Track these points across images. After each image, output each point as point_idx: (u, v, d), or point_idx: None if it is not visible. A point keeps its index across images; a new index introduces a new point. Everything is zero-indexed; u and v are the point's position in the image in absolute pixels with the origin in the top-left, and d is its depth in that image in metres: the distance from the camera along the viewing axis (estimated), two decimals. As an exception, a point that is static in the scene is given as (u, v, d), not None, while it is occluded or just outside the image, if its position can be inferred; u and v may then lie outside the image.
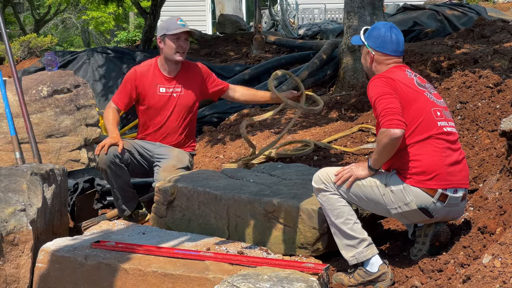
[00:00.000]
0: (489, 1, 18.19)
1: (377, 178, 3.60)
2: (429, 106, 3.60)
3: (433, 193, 3.51)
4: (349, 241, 3.61)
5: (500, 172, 4.13)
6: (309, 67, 9.40)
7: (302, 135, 6.51)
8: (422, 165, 3.51)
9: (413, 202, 3.53)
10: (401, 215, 3.62)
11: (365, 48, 3.81)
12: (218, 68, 10.60)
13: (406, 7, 13.47)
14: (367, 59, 3.81)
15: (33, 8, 24.24)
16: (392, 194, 3.56)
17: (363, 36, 3.81)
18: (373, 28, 3.80)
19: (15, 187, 4.14)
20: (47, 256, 3.86)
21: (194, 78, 5.04)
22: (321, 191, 3.67)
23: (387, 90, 3.54)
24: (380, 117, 3.47)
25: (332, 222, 3.65)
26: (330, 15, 19.23)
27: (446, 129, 3.59)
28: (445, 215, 3.63)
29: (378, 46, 3.74)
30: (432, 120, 3.57)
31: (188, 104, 5.02)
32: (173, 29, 4.87)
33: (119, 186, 4.85)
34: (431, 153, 3.53)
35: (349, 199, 3.66)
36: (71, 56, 11.16)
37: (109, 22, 24.45)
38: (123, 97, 5.00)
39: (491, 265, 2.91)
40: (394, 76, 3.63)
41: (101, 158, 4.77)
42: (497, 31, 9.63)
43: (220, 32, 15.98)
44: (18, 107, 6.13)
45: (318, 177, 3.70)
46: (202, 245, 3.91)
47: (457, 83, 5.34)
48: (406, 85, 3.61)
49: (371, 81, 3.67)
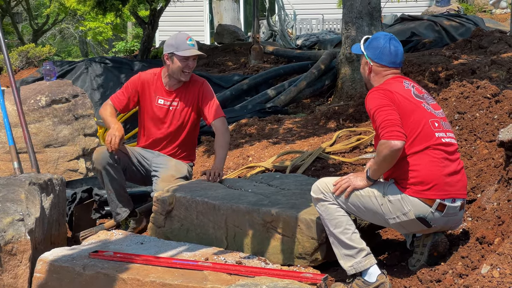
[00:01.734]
0: (486, 12, 18.26)
1: (375, 188, 3.61)
2: (427, 117, 3.61)
3: (431, 203, 3.52)
4: (347, 251, 3.61)
5: (498, 182, 4.14)
6: (307, 77, 9.43)
7: (300, 145, 6.52)
8: (420, 175, 3.52)
9: (411, 212, 3.53)
10: (399, 225, 3.62)
11: (364, 58, 3.83)
12: (216, 78, 10.62)
13: (404, 18, 13.51)
14: (365, 69, 3.83)
15: (31, 18, 24.26)
16: (390, 204, 3.56)
17: (363, 46, 3.83)
18: (373, 38, 3.81)
19: (13, 197, 4.14)
20: (45, 266, 3.86)
21: (192, 94, 4.99)
22: (319, 201, 3.68)
23: (386, 102, 3.56)
24: (380, 129, 3.48)
25: (330, 232, 3.65)
26: (328, 26, 19.28)
27: (444, 140, 3.60)
28: (444, 225, 3.63)
29: (376, 57, 3.76)
30: (430, 131, 3.58)
31: (184, 119, 4.99)
32: (183, 50, 4.84)
33: (114, 188, 4.83)
34: (429, 164, 3.54)
35: (348, 209, 3.66)
36: (69, 66, 11.17)
37: (107, 32, 24.48)
38: (122, 98, 4.99)
39: (489, 276, 2.91)
40: (392, 88, 3.64)
41: (97, 159, 4.78)
42: (495, 42, 9.65)
43: (218, 42, 16.01)
44: (16, 117, 6.13)
45: (317, 187, 3.71)
46: (201, 255, 3.91)
47: (455, 93, 5.35)
48: (403, 97, 3.62)
49: (369, 93, 3.69)
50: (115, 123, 4.83)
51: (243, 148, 6.84)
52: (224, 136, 4.90)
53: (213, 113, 4.94)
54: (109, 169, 4.76)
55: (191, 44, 4.89)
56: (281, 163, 5.92)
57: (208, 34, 22.71)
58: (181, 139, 5.04)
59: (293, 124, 7.45)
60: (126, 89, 5.02)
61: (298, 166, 5.69)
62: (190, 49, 4.86)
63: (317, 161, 5.80)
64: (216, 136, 4.94)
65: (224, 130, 4.93)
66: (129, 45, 20.79)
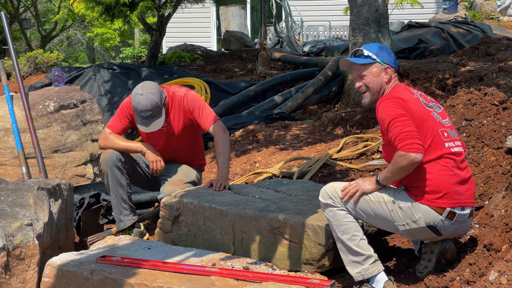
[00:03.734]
0: (494, 19, 18.24)
1: (385, 194, 3.60)
2: (437, 127, 3.61)
3: (442, 211, 3.52)
4: (355, 257, 3.61)
5: (505, 189, 4.13)
6: (314, 83, 9.43)
7: (307, 152, 6.52)
8: (432, 184, 3.52)
9: (421, 220, 3.53)
10: (409, 232, 3.62)
11: (376, 66, 3.73)
12: (224, 84, 10.63)
13: (411, 25, 13.52)
14: (383, 76, 3.74)
15: (40, 24, 24.37)
16: (400, 211, 3.56)
17: (372, 55, 3.74)
18: (379, 46, 3.79)
19: (22, 202, 4.16)
20: (53, 270, 3.87)
21: (179, 110, 4.89)
22: (328, 206, 3.68)
23: (401, 112, 3.53)
24: (398, 140, 3.46)
25: (338, 238, 3.65)
26: (335, 32, 19.28)
27: (453, 150, 3.60)
28: (453, 232, 3.63)
29: (392, 62, 3.75)
30: (440, 141, 3.58)
31: (177, 135, 4.94)
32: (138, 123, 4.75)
33: (119, 194, 4.83)
34: (440, 173, 3.53)
35: (357, 215, 3.66)
36: (77, 72, 11.21)
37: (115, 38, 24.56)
38: (118, 124, 4.97)
39: (497, 282, 2.91)
40: (403, 96, 3.62)
41: (104, 160, 4.79)
42: (502, 49, 9.65)
43: (225, 49, 16.04)
44: (24, 122, 6.16)
45: (325, 192, 3.70)
46: (208, 261, 3.92)
47: (462, 100, 5.35)
48: (416, 106, 3.61)
49: (380, 102, 3.64)
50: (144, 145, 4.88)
51: (250, 154, 6.85)
52: (222, 141, 4.82)
53: (205, 121, 4.84)
54: (115, 171, 4.77)
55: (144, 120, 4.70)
56: (288, 169, 5.93)
57: (215, 40, 22.74)
58: (183, 150, 5.02)
59: (300, 131, 7.45)
60: (119, 114, 5.00)
61: (305, 172, 5.69)
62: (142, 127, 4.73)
63: (324, 167, 5.80)
64: (215, 142, 4.88)
65: (220, 134, 4.82)
66: (137, 51, 20.83)
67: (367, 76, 3.75)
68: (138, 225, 4.98)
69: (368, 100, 3.78)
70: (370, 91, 3.76)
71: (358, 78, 3.79)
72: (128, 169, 4.87)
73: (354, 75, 3.81)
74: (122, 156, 4.81)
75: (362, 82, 3.77)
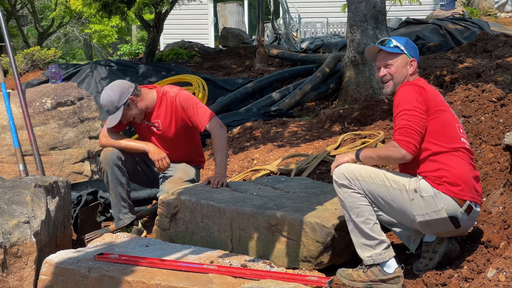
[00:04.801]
0: (491, 16, 18.24)
1: (406, 182, 3.57)
2: (454, 121, 3.66)
3: (462, 204, 3.51)
4: (367, 241, 3.60)
5: (503, 186, 4.13)
6: (312, 80, 9.43)
7: (305, 148, 6.52)
8: (454, 175, 3.51)
9: (443, 210, 3.50)
10: (427, 224, 3.58)
11: (405, 57, 3.76)
12: (221, 81, 10.62)
13: (408, 21, 13.52)
14: (408, 68, 3.76)
15: (37, 21, 24.34)
16: (421, 200, 3.53)
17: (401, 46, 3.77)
18: (406, 40, 3.81)
19: (19, 199, 4.15)
20: (50, 268, 3.86)
21: (171, 109, 4.85)
22: (343, 186, 3.64)
23: (415, 104, 3.54)
24: (398, 132, 3.51)
25: (350, 219, 3.63)
26: (333, 29, 19.27)
27: (467, 146, 3.64)
28: (464, 229, 3.62)
29: (417, 56, 3.80)
30: (457, 134, 3.62)
31: (171, 135, 4.91)
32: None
33: (119, 193, 4.82)
34: (461, 165, 3.55)
35: (375, 201, 3.63)
36: (74, 69, 11.19)
37: (112, 35, 24.54)
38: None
39: (495, 279, 2.91)
40: (426, 87, 3.66)
41: (104, 158, 4.77)
42: (500, 46, 9.66)
43: (223, 45, 16.03)
44: (22, 119, 6.14)
45: (341, 173, 3.65)
46: (205, 258, 3.91)
47: (460, 97, 5.35)
48: (436, 96, 3.67)
49: (402, 86, 3.66)
50: (146, 144, 4.86)
51: (248, 151, 6.84)
52: (219, 137, 4.77)
53: (201, 119, 4.79)
54: (115, 170, 4.76)
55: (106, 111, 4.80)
56: (286, 166, 5.92)
57: (213, 37, 22.72)
58: (179, 150, 4.99)
59: (298, 127, 7.45)
60: None
61: (303, 169, 5.69)
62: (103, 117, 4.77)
63: (322, 164, 5.79)
64: (212, 138, 4.83)
65: (217, 130, 4.78)
66: (134, 48, 20.81)
67: (393, 66, 3.78)
68: (136, 223, 4.98)
69: (390, 89, 3.80)
70: (394, 80, 3.78)
71: (384, 66, 3.81)
72: (128, 168, 4.86)
73: (380, 63, 3.82)
74: (123, 155, 4.80)
75: (387, 70, 3.80)
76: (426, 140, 3.56)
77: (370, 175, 3.61)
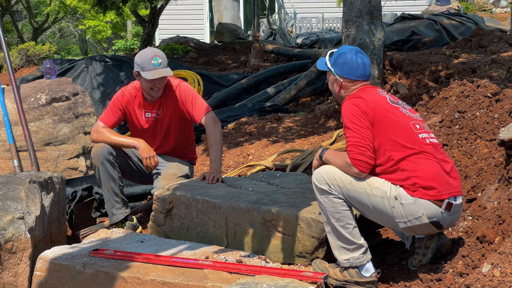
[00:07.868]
0: (486, 11, 18.26)
1: (387, 189, 3.55)
2: (407, 121, 3.61)
3: (440, 204, 3.51)
4: (345, 244, 3.61)
5: (498, 181, 4.14)
6: (307, 76, 9.43)
7: (300, 144, 6.52)
8: (425, 179, 3.49)
9: (424, 216, 3.50)
10: (410, 229, 3.58)
11: (332, 75, 3.79)
12: (216, 76, 10.61)
13: (404, 17, 13.51)
14: (335, 86, 3.80)
15: (31, 16, 24.24)
16: (402, 207, 3.52)
17: (329, 62, 3.79)
18: (338, 54, 3.77)
19: (13, 195, 4.14)
20: (45, 264, 3.85)
21: (172, 99, 4.89)
22: (324, 192, 3.63)
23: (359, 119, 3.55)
24: (349, 148, 3.54)
25: (329, 222, 3.63)
26: (328, 24, 19.28)
27: (429, 141, 3.59)
28: (449, 223, 3.63)
29: (345, 73, 3.74)
30: (413, 133, 3.57)
31: (171, 124, 4.93)
32: (147, 70, 4.71)
33: (111, 188, 4.81)
34: (429, 166, 3.52)
35: (356, 206, 3.63)
36: (69, 64, 11.15)
37: (106, 30, 24.47)
38: (110, 117, 4.94)
39: (490, 275, 2.91)
40: (366, 96, 3.62)
41: (95, 153, 4.76)
42: (495, 41, 9.65)
43: (218, 41, 16.01)
44: (16, 115, 6.13)
45: (322, 177, 3.64)
46: (201, 254, 3.91)
47: (455, 92, 5.35)
48: (379, 103, 3.61)
49: (344, 101, 3.67)
50: (137, 140, 4.83)
51: (243, 147, 6.84)
52: (214, 132, 4.79)
53: (197, 112, 4.82)
54: (106, 165, 4.75)
55: (157, 64, 4.73)
56: (281, 161, 5.92)
57: (208, 32, 22.71)
58: (173, 143, 5.00)
59: (293, 123, 7.45)
60: (111, 107, 4.97)
61: (299, 165, 5.69)
62: (155, 69, 4.71)
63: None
64: (206, 133, 4.84)
65: (212, 125, 4.80)
66: (129, 43, 20.78)
67: (329, 82, 3.89)
68: (131, 218, 4.97)
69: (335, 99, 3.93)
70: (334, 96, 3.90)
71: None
72: (120, 163, 4.85)
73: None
74: (114, 150, 4.79)
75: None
76: (384, 149, 3.53)
77: (351, 181, 3.59)
